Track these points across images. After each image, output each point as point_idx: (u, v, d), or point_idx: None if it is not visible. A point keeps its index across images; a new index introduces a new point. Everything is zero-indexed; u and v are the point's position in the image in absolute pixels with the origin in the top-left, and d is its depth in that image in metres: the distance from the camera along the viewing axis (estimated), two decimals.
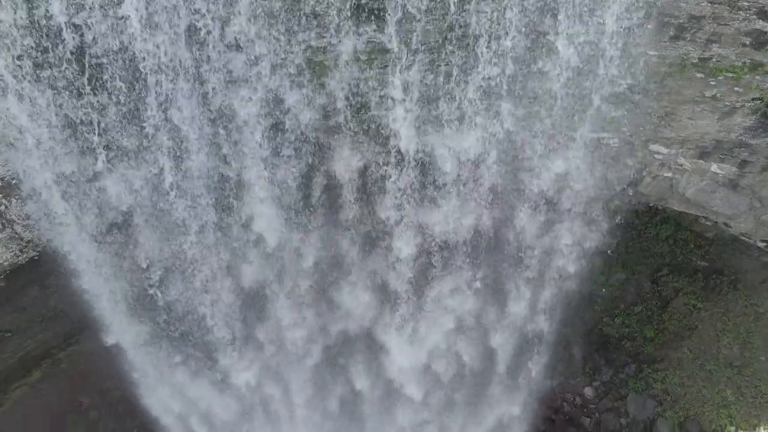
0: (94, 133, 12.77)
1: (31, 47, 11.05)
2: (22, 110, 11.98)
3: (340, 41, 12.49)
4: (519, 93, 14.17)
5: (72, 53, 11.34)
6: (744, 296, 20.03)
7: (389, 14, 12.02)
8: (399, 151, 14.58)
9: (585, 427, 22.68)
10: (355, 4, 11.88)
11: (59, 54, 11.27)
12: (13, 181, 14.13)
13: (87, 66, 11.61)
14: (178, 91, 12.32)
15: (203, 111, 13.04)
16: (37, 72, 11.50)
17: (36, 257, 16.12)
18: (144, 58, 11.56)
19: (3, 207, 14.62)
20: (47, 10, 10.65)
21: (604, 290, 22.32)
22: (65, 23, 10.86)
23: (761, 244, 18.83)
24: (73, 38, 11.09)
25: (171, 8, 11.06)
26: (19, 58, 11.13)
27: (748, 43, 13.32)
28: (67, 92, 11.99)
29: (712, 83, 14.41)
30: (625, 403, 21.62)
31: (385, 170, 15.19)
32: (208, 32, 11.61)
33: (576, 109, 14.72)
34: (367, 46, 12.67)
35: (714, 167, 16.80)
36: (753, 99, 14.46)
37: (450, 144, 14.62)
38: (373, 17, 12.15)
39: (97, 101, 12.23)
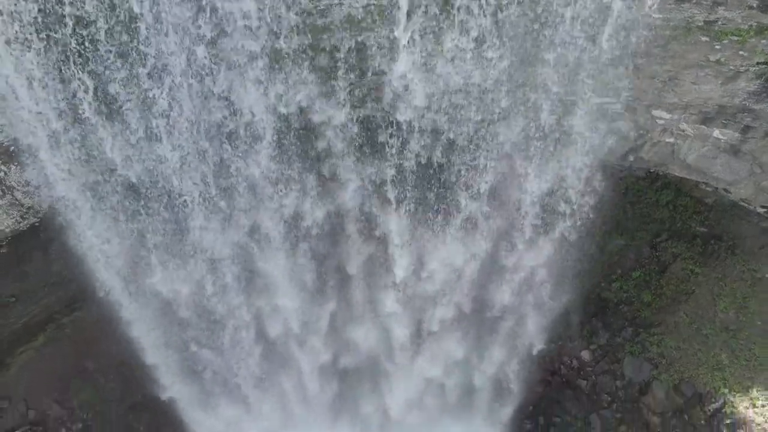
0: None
1: None
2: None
3: None
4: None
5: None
6: (742, 261, 20.15)
7: None
8: None
9: (581, 388, 23.12)
10: None
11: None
12: (11, 148, 14.08)
13: None
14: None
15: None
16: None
17: (37, 224, 16.21)
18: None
19: (2, 174, 14.63)
20: None
21: (603, 256, 22.47)
22: None
23: (761, 210, 18.88)
24: None
25: None
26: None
27: (755, 5, 13.09)
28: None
29: (717, 47, 14.23)
30: (622, 366, 21.97)
31: None
32: None
33: (579, 72, 14.55)
34: None
35: (716, 133, 16.73)
36: (758, 63, 14.31)
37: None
38: None
39: None
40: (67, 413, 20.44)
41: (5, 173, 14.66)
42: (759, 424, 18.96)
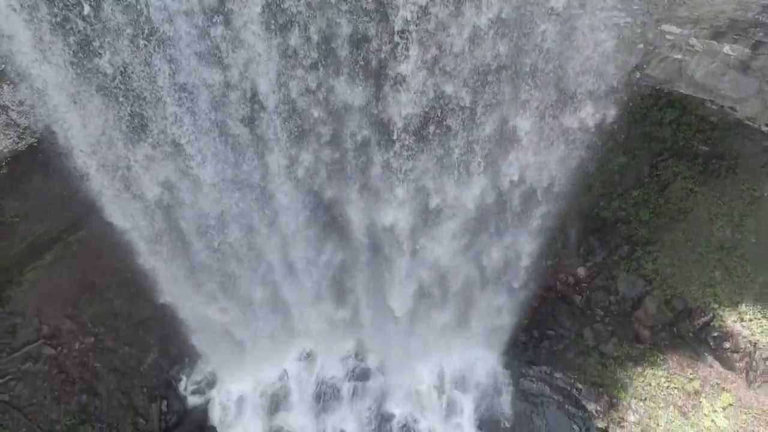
0: None
1: None
2: None
3: None
4: None
5: None
6: (742, 180, 20.19)
7: None
8: None
9: (576, 303, 23.83)
10: None
11: None
12: (2, 67, 13.78)
13: None
14: None
15: None
16: None
17: (35, 144, 16.14)
18: None
19: None
20: None
21: (603, 174, 22.44)
22: None
23: (765, 129, 18.67)
24: None
25: None
26: None
27: None
28: None
29: None
30: (616, 282, 22.55)
31: None
32: None
33: None
34: None
35: (726, 48, 16.26)
36: None
37: None
38: None
39: None
40: (79, 327, 21.23)
41: None
42: (745, 337, 19.75)
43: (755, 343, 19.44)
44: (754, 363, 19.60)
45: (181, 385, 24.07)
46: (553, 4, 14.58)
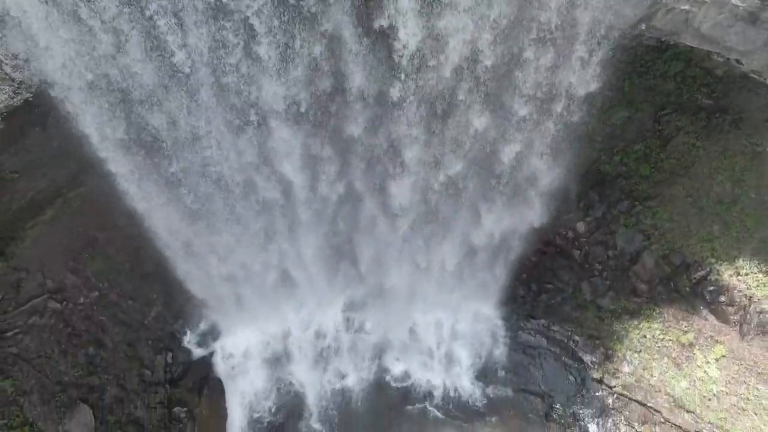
0: None
1: None
2: None
3: None
4: None
5: None
6: (745, 135, 20.05)
7: None
8: None
9: (574, 258, 24.05)
10: None
11: None
12: None
13: None
14: None
15: None
16: None
17: (30, 98, 15.97)
18: None
19: None
20: None
21: (605, 128, 22.26)
22: None
23: None
24: None
25: None
26: None
27: None
28: None
29: None
30: (614, 237, 22.69)
31: None
32: None
33: None
34: None
35: None
36: None
37: None
38: None
39: None
40: (83, 282, 21.48)
41: None
42: (741, 291, 20.01)
43: (750, 297, 19.72)
44: (748, 316, 19.93)
45: (186, 338, 24.57)
46: None
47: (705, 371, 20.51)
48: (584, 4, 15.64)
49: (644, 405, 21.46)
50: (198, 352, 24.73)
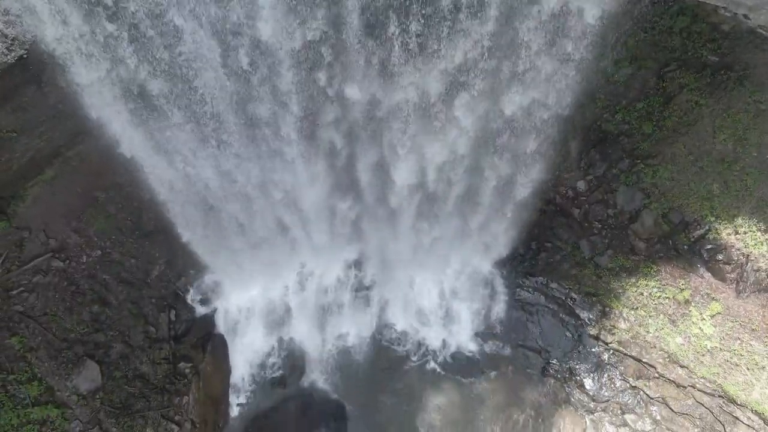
0: None
1: None
2: None
3: None
4: None
5: None
6: (749, 92, 19.81)
7: None
8: None
9: (574, 216, 24.10)
10: None
11: None
12: None
13: None
14: None
15: None
16: None
17: (25, 55, 15.73)
18: None
19: None
20: None
21: (608, 85, 21.96)
22: None
23: None
24: None
25: None
26: None
27: None
28: None
29: None
30: (615, 196, 22.69)
31: None
32: None
33: None
34: None
35: None
36: None
37: None
38: None
39: None
40: (86, 241, 21.65)
41: None
42: (738, 249, 20.14)
43: (748, 255, 19.87)
44: (744, 274, 20.13)
45: (189, 296, 24.90)
46: None
47: (700, 328, 20.85)
48: None
49: (639, 360, 21.89)
50: (201, 310, 25.12)
